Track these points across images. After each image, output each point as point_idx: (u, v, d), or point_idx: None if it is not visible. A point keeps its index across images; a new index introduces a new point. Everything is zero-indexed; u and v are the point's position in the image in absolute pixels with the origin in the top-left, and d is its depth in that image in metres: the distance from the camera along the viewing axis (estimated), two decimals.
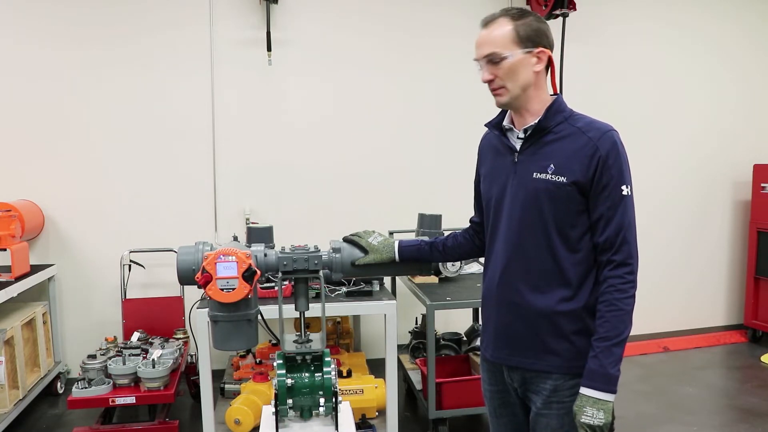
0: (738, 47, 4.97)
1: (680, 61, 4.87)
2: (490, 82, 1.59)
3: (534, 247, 1.58)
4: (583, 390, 1.51)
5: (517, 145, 1.63)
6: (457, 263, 3.55)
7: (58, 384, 3.91)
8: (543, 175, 1.56)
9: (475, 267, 3.84)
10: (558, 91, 1.66)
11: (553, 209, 1.55)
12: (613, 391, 1.49)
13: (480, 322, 1.79)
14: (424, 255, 1.86)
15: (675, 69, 4.86)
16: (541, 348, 1.59)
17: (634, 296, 1.52)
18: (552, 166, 1.55)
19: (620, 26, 4.73)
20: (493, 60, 1.55)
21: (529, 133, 1.60)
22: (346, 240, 1.84)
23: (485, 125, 1.75)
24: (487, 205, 1.74)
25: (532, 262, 1.59)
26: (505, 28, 1.55)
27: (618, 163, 1.52)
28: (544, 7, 4.20)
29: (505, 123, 1.68)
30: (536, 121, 1.59)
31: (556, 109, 1.59)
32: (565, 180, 1.53)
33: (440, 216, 3.61)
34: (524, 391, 1.67)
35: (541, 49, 1.56)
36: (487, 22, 1.59)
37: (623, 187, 1.52)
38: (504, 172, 1.66)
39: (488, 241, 1.74)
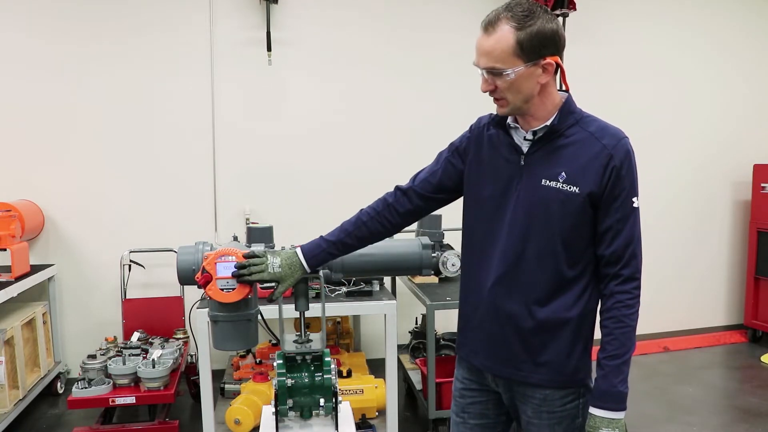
0: (739, 47, 4.97)
1: (681, 61, 4.87)
2: (490, 91, 1.47)
3: (536, 257, 1.50)
4: (596, 411, 1.47)
5: (524, 146, 1.52)
6: (457, 263, 3.55)
7: (58, 384, 3.90)
8: (553, 183, 1.46)
9: None
10: (568, 89, 1.54)
11: (563, 220, 1.46)
12: (625, 408, 1.47)
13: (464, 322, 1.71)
14: (334, 254, 1.70)
15: (675, 69, 4.86)
16: (534, 361, 1.53)
17: (638, 311, 1.49)
18: (563, 174, 1.46)
19: (620, 26, 4.73)
20: (493, 73, 1.43)
21: (539, 135, 1.49)
22: (242, 281, 1.62)
23: (488, 121, 1.62)
24: (477, 204, 1.61)
25: (532, 273, 1.50)
26: (506, 40, 1.39)
27: (630, 173, 1.45)
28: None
29: (510, 121, 1.55)
30: (548, 123, 1.48)
31: (568, 110, 1.49)
32: (578, 190, 1.44)
33: (440, 216, 3.61)
34: (510, 398, 1.62)
35: (547, 60, 1.41)
36: (487, 26, 1.42)
37: (634, 199, 1.45)
38: (506, 174, 1.53)
39: (477, 241, 1.61)
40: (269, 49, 4.04)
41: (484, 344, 1.60)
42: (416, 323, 4.08)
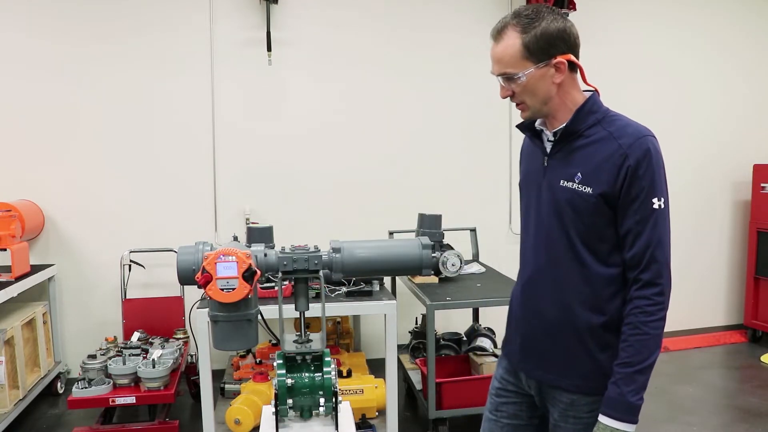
0: (739, 47, 4.97)
1: (681, 61, 4.87)
2: (510, 97, 1.50)
3: (561, 259, 1.49)
4: (602, 418, 1.43)
5: (548, 147, 1.54)
6: (457, 263, 3.55)
7: (58, 384, 3.91)
8: (569, 184, 1.46)
9: (475, 267, 3.84)
10: (595, 87, 1.54)
11: (577, 221, 1.45)
12: (634, 421, 1.41)
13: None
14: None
15: (675, 69, 4.86)
16: (563, 365, 1.52)
17: (663, 319, 1.42)
18: (579, 174, 1.44)
19: (620, 26, 4.73)
20: (507, 78, 1.46)
21: (558, 136, 1.50)
22: None
23: (517, 126, 1.64)
24: (520, 208, 1.67)
25: (559, 275, 1.50)
26: (513, 45, 1.42)
27: (650, 173, 1.40)
28: None
29: (537, 124, 1.57)
30: (565, 124, 1.49)
31: (589, 109, 1.47)
32: (591, 191, 1.42)
33: (440, 216, 3.61)
34: (540, 400, 1.63)
35: (558, 59, 1.42)
36: (495, 35, 1.46)
37: (654, 200, 1.41)
38: (536, 177, 1.57)
39: (521, 242, 1.66)
40: (269, 49, 4.04)
41: (519, 343, 1.64)
42: (416, 323, 4.08)
